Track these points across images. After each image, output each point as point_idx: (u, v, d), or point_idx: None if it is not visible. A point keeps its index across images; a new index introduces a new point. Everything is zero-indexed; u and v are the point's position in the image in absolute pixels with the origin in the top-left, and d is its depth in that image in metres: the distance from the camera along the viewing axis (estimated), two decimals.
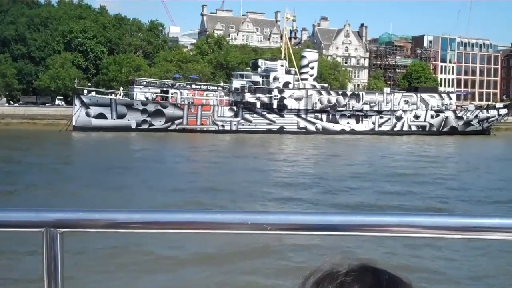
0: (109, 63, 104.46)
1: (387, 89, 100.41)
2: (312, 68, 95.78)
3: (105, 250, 14.54)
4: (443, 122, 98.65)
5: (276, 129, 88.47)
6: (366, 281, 1.04)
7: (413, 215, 1.67)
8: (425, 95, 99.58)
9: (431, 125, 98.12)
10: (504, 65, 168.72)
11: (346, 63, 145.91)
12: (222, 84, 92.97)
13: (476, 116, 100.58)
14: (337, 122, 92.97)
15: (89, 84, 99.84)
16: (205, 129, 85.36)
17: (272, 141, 72.36)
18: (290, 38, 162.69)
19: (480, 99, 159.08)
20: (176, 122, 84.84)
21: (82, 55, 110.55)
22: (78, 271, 12.33)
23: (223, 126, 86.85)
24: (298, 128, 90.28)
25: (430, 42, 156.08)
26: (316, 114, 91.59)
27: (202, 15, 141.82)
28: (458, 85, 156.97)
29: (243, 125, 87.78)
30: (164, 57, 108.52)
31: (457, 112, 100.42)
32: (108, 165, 37.58)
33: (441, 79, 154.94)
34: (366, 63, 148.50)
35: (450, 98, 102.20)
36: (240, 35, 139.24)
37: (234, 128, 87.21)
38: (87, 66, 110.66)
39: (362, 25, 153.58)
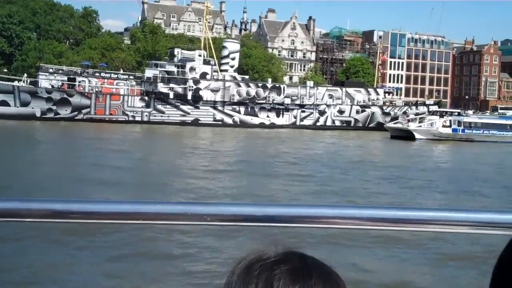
0: (29, 49, 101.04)
1: (310, 83, 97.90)
2: (233, 59, 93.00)
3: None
4: (369, 117, 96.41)
5: (190, 121, 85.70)
6: (294, 264, 1.07)
7: (350, 207, 1.71)
8: (350, 90, 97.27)
9: (356, 120, 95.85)
10: (458, 62, 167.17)
11: (292, 56, 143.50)
12: (134, 73, 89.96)
13: (405, 112, 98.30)
14: (256, 115, 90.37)
15: (5, 70, 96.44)
16: (114, 119, 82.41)
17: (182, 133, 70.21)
18: (240, 30, 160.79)
19: (436, 96, 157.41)
20: (84, 111, 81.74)
21: (6, 40, 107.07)
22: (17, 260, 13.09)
23: (133, 116, 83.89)
24: (214, 121, 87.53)
25: (380, 37, 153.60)
26: (233, 106, 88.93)
27: (143, 3, 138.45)
28: (408, 82, 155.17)
29: (155, 116, 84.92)
30: (89, 44, 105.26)
31: (384, 108, 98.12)
32: None
33: (390, 74, 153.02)
34: (312, 56, 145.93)
35: (377, 94, 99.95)
36: (182, 24, 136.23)
37: (145, 119, 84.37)
38: (11, 52, 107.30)
39: (310, 18, 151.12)
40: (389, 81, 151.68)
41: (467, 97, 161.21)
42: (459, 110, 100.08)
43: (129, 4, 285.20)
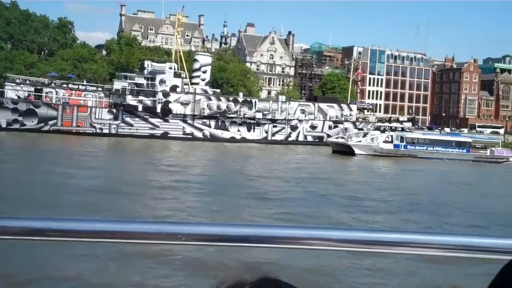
0: (0, 59, 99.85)
1: (282, 97, 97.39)
2: (204, 72, 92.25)
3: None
4: (341, 133, 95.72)
5: (159, 134, 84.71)
6: None
7: (325, 228, 1.70)
8: (323, 105, 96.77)
9: (328, 135, 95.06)
10: (438, 79, 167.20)
11: (270, 71, 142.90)
12: (103, 85, 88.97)
13: (378, 128, 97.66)
14: (226, 129, 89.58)
15: None
16: (81, 131, 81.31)
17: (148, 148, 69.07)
18: (220, 44, 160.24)
19: (409, 113, 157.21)
20: (50, 122, 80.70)
21: None
22: None
23: (101, 129, 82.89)
24: (183, 134, 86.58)
25: (360, 53, 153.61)
26: (204, 120, 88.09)
27: (120, 15, 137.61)
28: (387, 98, 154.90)
29: (123, 128, 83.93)
30: (61, 55, 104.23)
31: (357, 123, 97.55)
32: None
33: (369, 91, 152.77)
34: (291, 71, 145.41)
35: (351, 109, 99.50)
36: (159, 37, 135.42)
37: (113, 131, 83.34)
38: None
39: (289, 33, 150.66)
40: (368, 97, 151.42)
41: (445, 114, 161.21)
42: (427, 127, 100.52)
43: (112, 16, 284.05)
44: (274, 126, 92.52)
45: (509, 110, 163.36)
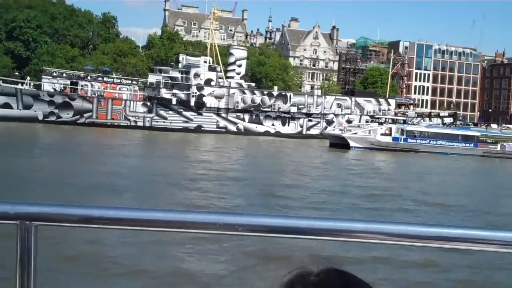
0: (42, 53, 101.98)
1: (318, 91, 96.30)
2: (239, 66, 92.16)
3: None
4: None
5: (193, 128, 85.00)
6: (334, 282, 1.09)
7: (380, 222, 1.73)
8: (360, 100, 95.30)
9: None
10: (488, 75, 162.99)
11: (314, 65, 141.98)
12: (137, 78, 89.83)
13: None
14: (260, 123, 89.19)
15: (16, 73, 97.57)
16: (115, 124, 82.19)
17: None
18: (265, 38, 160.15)
19: (452, 108, 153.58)
20: (85, 115, 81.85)
21: (23, 44, 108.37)
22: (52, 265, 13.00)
23: (135, 121, 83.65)
24: (217, 128, 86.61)
25: (406, 48, 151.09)
26: (238, 114, 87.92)
27: (164, 10, 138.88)
28: (434, 94, 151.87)
29: (157, 121, 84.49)
30: (102, 50, 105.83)
31: (395, 118, 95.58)
32: None
33: (415, 86, 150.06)
34: (335, 66, 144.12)
35: (389, 104, 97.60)
36: (202, 32, 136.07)
37: (147, 124, 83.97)
38: (28, 56, 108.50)
39: (333, 27, 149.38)
40: (415, 93, 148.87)
41: (494, 110, 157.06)
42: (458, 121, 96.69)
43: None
44: (309, 120, 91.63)
45: None
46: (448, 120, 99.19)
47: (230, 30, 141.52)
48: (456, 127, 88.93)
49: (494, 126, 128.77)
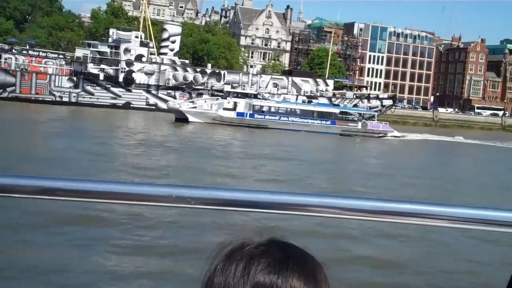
0: None
1: (253, 70, 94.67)
2: (173, 42, 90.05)
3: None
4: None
5: (121, 104, 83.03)
6: (274, 254, 1.09)
7: (336, 197, 1.71)
8: (297, 80, 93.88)
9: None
10: (444, 59, 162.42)
11: (266, 45, 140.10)
12: (64, 53, 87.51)
13: (355, 105, 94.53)
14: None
15: None
16: (40, 99, 79.91)
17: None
18: (220, 17, 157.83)
19: (410, 92, 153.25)
20: (8, 89, 79.43)
21: None
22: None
23: (60, 97, 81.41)
24: (147, 105, 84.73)
25: (361, 29, 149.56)
26: (168, 91, 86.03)
27: None
28: (387, 77, 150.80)
29: (83, 97, 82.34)
30: (38, 23, 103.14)
31: (333, 99, 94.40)
32: None
33: (369, 68, 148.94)
34: (288, 46, 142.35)
35: (327, 85, 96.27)
36: (151, 8, 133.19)
37: (73, 100, 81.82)
38: None
39: (288, 7, 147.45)
40: (368, 75, 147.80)
41: (449, 95, 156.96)
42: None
43: None
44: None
45: None
46: (388, 102, 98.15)
47: (181, 7, 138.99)
48: (317, 104, 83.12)
49: (441, 110, 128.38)
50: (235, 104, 69.49)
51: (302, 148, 49.02)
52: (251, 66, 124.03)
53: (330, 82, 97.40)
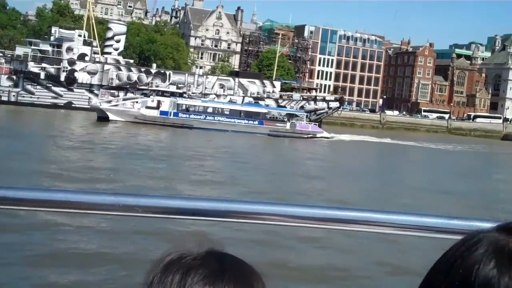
0: None
1: (199, 71, 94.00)
2: (118, 41, 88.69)
3: None
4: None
5: (63, 104, 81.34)
6: (210, 265, 1.10)
7: (284, 205, 1.71)
8: (244, 81, 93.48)
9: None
10: (393, 62, 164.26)
11: (216, 46, 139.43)
12: (4, 51, 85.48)
13: (302, 107, 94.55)
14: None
15: None
16: None
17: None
18: (171, 17, 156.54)
19: (360, 95, 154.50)
20: None
21: None
22: None
23: None
24: (89, 105, 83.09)
25: (311, 32, 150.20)
26: (112, 91, 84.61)
27: None
28: (337, 79, 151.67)
29: (23, 96, 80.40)
30: None
31: (280, 101, 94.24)
32: None
33: (319, 71, 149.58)
34: (238, 48, 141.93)
35: (274, 86, 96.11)
36: (99, 7, 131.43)
37: (13, 99, 79.79)
38: None
39: (238, 8, 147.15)
40: (318, 78, 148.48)
41: (398, 98, 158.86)
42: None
43: None
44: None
45: (463, 96, 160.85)
46: (334, 104, 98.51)
47: (129, 6, 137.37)
48: (245, 103, 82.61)
49: (389, 112, 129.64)
50: (159, 102, 68.21)
51: (222, 149, 47.75)
52: (201, 67, 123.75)
53: (277, 84, 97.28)
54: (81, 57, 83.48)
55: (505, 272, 0.79)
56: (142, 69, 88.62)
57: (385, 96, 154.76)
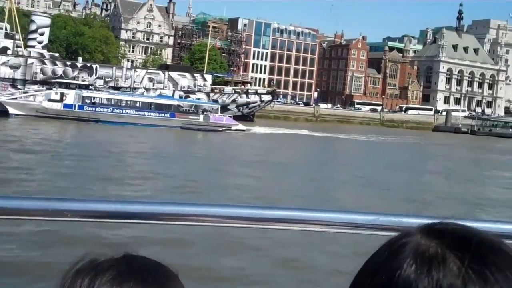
0: None
1: (127, 64, 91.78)
2: (41, 34, 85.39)
3: None
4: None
5: None
6: (119, 267, 1.09)
7: (206, 205, 1.70)
8: (174, 74, 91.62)
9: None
10: (327, 55, 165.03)
11: (147, 39, 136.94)
12: None
13: (234, 101, 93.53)
14: None
15: None
16: None
17: None
18: (101, 10, 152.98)
19: (294, 88, 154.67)
20: None
21: None
22: None
23: None
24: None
25: (245, 25, 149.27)
26: (36, 85, 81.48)
27: None
28: (271, 72, 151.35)
29: None
30: None
31: (211, 94, 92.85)
32: None
33: (253, 64, 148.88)
34: (170, 41, 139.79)
35: (205, 80, 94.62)
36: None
37: None
38: None
39: (170, 1, 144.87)
40: (252, 71, 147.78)
41: (332, 91, 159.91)
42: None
43: None
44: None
45: (395, 89, 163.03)
46: (267, 97, 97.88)
47: None
48: (157, 96, 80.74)
49: (323, 105, 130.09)
50: (63, 95, 65.36)
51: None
52: (132, 61, 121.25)
53: (208, 77, 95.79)
54: (3, 50, 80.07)
55: (423, 278, 0.81)
56: (68, 63, 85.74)
57: (319, 89, 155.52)
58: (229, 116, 72.67)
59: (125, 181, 25.95)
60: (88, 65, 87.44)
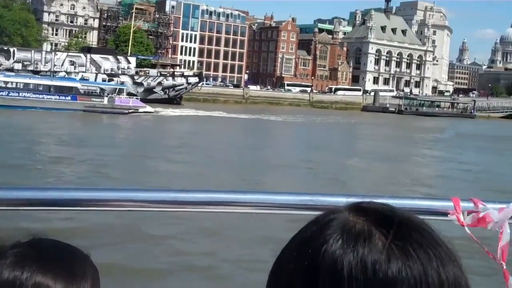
0: None
1: (47, 47, 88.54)
2: None
3: None
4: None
5: None
6: (25, 251, 1.09)
7: (128, 190, 1.66)
8: (96, 57, 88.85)
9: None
10: (257, 37, 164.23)
11: (71, 22, 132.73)
12: None
13: (160, 83, 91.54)
14: None
15: None
16: None
17: None
18: None
19: (225, 70, 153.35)
20: None
21: None
22: None
23: None
24: None
25: (173, 7, 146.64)
26: None
27: None
28: (201, 55, 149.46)
29: None
30: None
31: (136, 77, 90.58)
32: None
33: (182, 46, 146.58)
34: (96, 24, 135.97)
35: (129, 62, 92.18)
36: None
37: None
38: None
39: None
40: (181, 54, 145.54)
41: (263, 73, 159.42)
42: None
43: None
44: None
45: (326, 70, 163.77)
46: (194, 79, 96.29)
47: None
48: (57, 77, 75.77)
49: (252, 87, 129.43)
50: None
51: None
52: (56, 44, 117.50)
53: (132, 60, 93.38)
54: None
55: (349, 252, 0.82)
56: None
57: (250, 72, 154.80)
58: (136, 98, 70.14)
59: (28, 168, 24.20)
60: (5, 48, 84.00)
